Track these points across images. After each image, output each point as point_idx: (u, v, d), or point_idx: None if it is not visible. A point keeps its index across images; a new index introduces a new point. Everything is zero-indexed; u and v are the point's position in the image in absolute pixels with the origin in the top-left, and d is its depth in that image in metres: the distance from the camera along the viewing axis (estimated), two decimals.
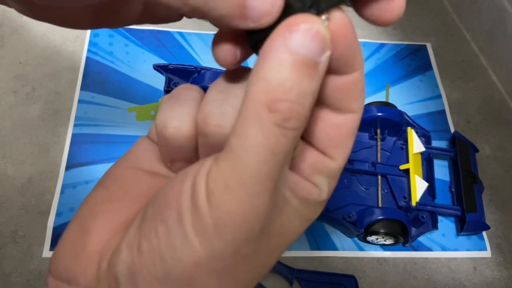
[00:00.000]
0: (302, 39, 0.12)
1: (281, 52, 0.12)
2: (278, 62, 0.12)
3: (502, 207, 0.53)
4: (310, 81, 0.12)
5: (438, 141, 0.57)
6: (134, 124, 0.54)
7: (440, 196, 0.52)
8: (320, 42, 0.12)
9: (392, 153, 0.52)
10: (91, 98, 0.55)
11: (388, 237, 0.47)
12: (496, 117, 0.60)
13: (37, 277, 0.44)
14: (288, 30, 0.12)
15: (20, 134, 0.52)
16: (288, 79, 0.12)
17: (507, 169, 0.56)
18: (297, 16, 0.12)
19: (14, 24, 0.60)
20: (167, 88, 0.49)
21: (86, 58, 0.58)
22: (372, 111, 0.51)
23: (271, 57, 0.12)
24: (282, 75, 0.12)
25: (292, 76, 0.12)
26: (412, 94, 0.61)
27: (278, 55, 0.12)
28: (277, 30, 0.12)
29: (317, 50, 0.12)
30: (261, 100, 0.12)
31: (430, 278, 0.48)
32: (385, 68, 0.63)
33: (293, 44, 0.12)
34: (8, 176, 0.49)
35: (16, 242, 0.45)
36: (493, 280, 0.49)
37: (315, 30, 0.12)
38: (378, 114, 0.51)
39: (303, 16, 0.12)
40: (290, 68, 0.12)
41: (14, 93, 0.54)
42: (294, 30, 0.12)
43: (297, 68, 0.12)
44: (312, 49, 0.12)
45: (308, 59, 0.12)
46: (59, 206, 0.47)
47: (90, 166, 0.50)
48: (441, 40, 0.67)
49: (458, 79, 0.64)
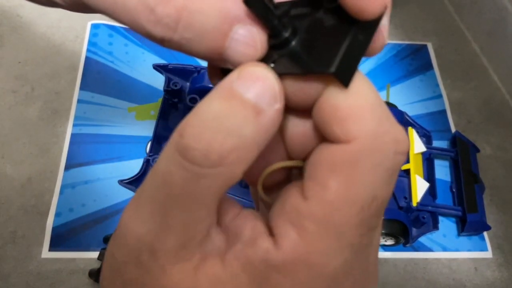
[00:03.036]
0: (246, 81, 0.12)
1: (222, 87, 0.12)
2: (217, 95, 0.12)
3: (503, 207, 0.53)
4: (239, 121, 0.12)
5: (439, 141, 0.57)
6: (133, 124, 0.53)
7: (440, 196, 0.51)
8: (266, 89, 0.12)
9: None
10: (91, 98, 0.54)
11: (388, 238, 0.47)
12: (497, 117, 0.60)
13: (36, 277, 0.43)
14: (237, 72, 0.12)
15: (20, 134, 0.51)
16: (216, 110, 0.12)
17: (508, 169, 0.56)
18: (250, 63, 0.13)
19: (13, 24, 0.60)
20: (167, 88, 0.49)
21: (85, 57, 0.58)
22: None
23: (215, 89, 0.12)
24: (212, 106, 0.12)
25: (220, 108, 0.12)
26: (412, 94, 0.61)
27: (219, 89, 0.12)
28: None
29: (259, 95, 0.12)
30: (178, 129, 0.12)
31: (431, 279, 0.48)
32: (385, 68, 0.63)
33: (237, 85, 0.12)
34: (7, 176, 0.49)
35: (15, 243, 0.45)
36: (494, 280, 0.48)
37: (264, 76, 0.12)
38: None
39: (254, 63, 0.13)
40: (219, 100, 0.12)
41: (14, 93, 0.54)
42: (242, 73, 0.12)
43: (230, 104, 0.12)
44: (254, 92, 0.12)
45: (246, 99, 0.12)
46: (58, 206, 0.47)
47: (89, 166, 0.50)
48: (441, 40, 0.67)
49: (458, 79, 0.63)
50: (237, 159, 0.12)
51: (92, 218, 0.47)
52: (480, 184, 0.51)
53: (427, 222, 0.48)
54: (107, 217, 0.47)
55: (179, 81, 0.50)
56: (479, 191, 0.50)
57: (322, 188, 0.12)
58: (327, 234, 0.12)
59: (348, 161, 0.12)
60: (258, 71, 0.12)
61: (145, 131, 0.53)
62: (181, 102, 0.51)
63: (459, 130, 0.57)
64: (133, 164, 0.50)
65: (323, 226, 0.12)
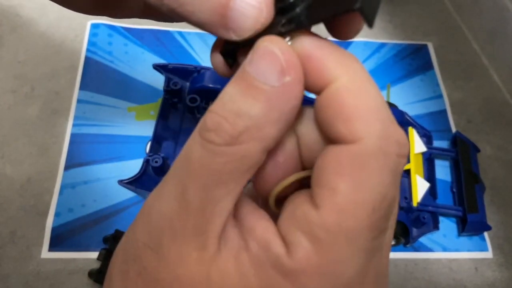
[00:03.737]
0: (256, 59, 0.12)
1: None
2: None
3: (504, 207, 0.53)
4: (248, 102, 0.12)
5: (439, 141, 0.57)
6: (133, 124, 0.53)
7: (441, 196, 0.51)
8: (271, 64, 0.12)
9: None
10: (90, 97, 0.54)
11: None
12: (498, 117, 0.60)
13: (36, 278, 0.43)
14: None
15: (19, 134, 0.51)
16: (229, 94, 0.12)
17: (509, 169, 0.56)
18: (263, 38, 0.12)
19: (13, 23, 0.60)
20: (167, 88, 0.49)
21: (85, 57, 0.57)
22: None
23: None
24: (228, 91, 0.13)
25: (232, 90, 0.12)
26: (413, 94, 0.61)
27: (237, 72, 0.13)
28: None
29: (266, 71, 0.12)
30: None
31: (431, 279, 0.48)
32: (385, 68, 0.63)
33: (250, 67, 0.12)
34: (6, 176, 0.49)
35: (14, 243, 0.45)
36: (494, 281, 0.48)
37: (269, 51, 0.12)
38: None
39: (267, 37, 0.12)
40: (233, 82, 0.12)
41: (13, 92, 0.54)
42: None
43: (240, 86, 0.12)
44: (261, 69, 0.12)
45: (253, 78, 0.12)
46: (58, 207, 0.47)
47: (89, 166, 0.50)
48: (442, 40, 0.67)
49: (459, 79, 0.63)
50: (249, 138, 0.12)
51: (92, 218, 0.47)
52: (480, 184, 0.51)
53: (428, 222, 0.48)
54: (107, 217, 0.47)
55: (179, 81, 0.50)
56: (479, 191, 0.50)
57: (331, 193, 0.12)
58: (340, 242, 0.12)
59: (355, 163, 0.12)
60: (264, 47, 0.12)
61: (145, 131, 0.53)
62: (181, 102, 0.51)
63: (460, 130, 0.57)
64: (133, 164, 0.50)
65: (336, 233, 0.12)
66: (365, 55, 0.64)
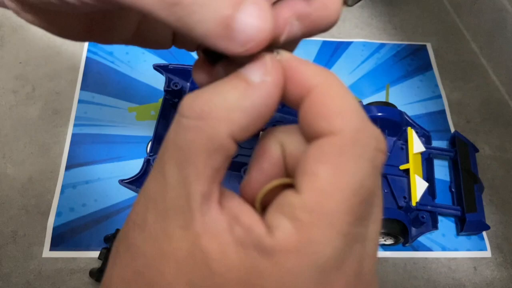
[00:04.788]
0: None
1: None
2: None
3: (502, 207, 0.53)
4: (228, 88, 0.14)
5: (438, 141, 0.57)
6: (134, 124, 0.54)
7: (440, 196, 0.52)
8: (259, 66, 0.14)
9: (392, 153, 0.52)
10: (91, 98, 0.55)
11: (388, 237, 0.47)
12: (496, 117, 0.60)
13: (37, 277, 0.44)
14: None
15: (20, 134, 0.52)
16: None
17: (507, 169, 0.56)
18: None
19: (14, 24, 0.60)
20: (167, 88, 0.49)
21: (86, 58, 0.58)
22: (372, 111, 0.51)
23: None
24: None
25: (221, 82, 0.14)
26: (412, 94, 0.61)
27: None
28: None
29: (253, 70, 0.14)
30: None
31: (430, 278, 0.48)
32: (385, 68, 0.63)
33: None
34: (8, 176, 0.49)
35: (16, 242, 0.45)
36: (493, 280, 0.49)
37: (263, 57, 0.14)
38: (378, 114, 0.51)
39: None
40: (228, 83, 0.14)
41: (14, 93, 0.54)
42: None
43: (229, 78, 0.14)
44: (251, 68, 0.14)
45: (241, 72, 0.14)
46: (59, 206, 0.47)
47: (90, 166, 0.50)
48: (441, 40, 0.67)
49: (458, 79, 0.64)
50: (218, 117, 0.13)
51: (93, 217, 0.47)
52: (479, 184, 0.51)
53: (427, 221, 0.48)
54: (107, 216, 0.47)
55: (179, 81, 0.50)
56: (478, 191, 0.50)
57: (312, 178, 0.13)
58: (319, 223, 0.13)
59: (334, 151, 0.13)
60: (261, 55, 0.14)
61: (146, 131, 0.53)
62: None
63: (459, 130, 0.57)
64: (134, 164, 0.51)
65: (316, 214, 0.13)
66: (364, 56, 0.64)
